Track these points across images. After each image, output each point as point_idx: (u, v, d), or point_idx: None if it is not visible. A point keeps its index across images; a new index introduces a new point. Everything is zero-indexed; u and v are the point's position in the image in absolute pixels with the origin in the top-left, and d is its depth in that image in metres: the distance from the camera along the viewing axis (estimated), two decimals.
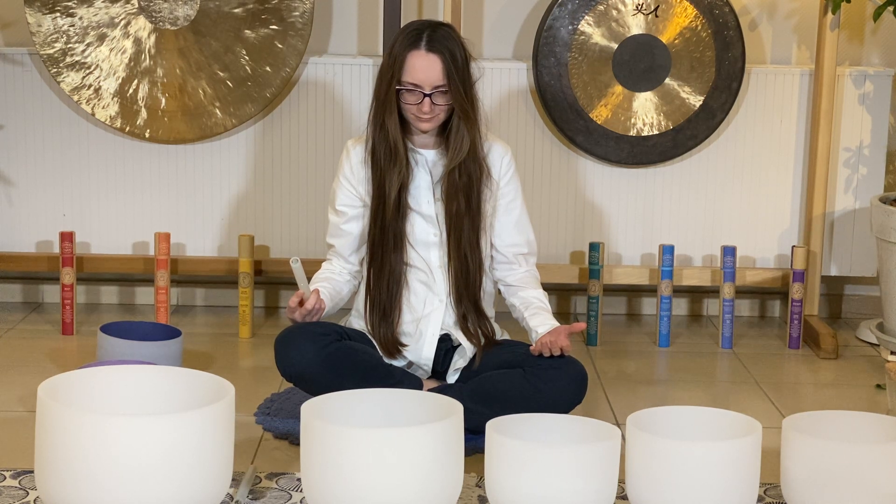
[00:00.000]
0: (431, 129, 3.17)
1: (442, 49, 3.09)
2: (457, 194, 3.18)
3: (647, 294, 4.43)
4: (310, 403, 2.58)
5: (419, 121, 3.14)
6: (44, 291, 4.39)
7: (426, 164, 3.23)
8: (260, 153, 4.19)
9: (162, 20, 4.02)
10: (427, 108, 3.10)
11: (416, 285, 3.25)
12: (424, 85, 3.09)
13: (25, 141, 4.18)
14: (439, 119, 3.15)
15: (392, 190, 3.17)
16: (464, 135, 3.16)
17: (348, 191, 3.26)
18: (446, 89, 3.10)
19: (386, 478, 2.41)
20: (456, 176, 3.18)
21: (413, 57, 3.09)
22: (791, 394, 3.64)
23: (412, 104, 3.12)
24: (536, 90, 4.12)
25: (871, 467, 2.51)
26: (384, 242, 3.21)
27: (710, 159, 4.25)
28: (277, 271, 4.17)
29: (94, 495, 2.34)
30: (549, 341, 3.10)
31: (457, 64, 3.10)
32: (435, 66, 3.09)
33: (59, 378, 2.56)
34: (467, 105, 3.14)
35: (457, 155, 3.17)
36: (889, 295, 3.94)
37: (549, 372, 3.09)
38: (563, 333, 3.12)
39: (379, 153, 3.18)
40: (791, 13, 4.27)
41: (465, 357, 3.24)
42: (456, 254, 3.21)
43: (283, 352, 3.12)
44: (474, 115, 3.16)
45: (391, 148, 3.16)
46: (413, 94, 3.10)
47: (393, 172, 3.17)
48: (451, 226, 3.20)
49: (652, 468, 2.52)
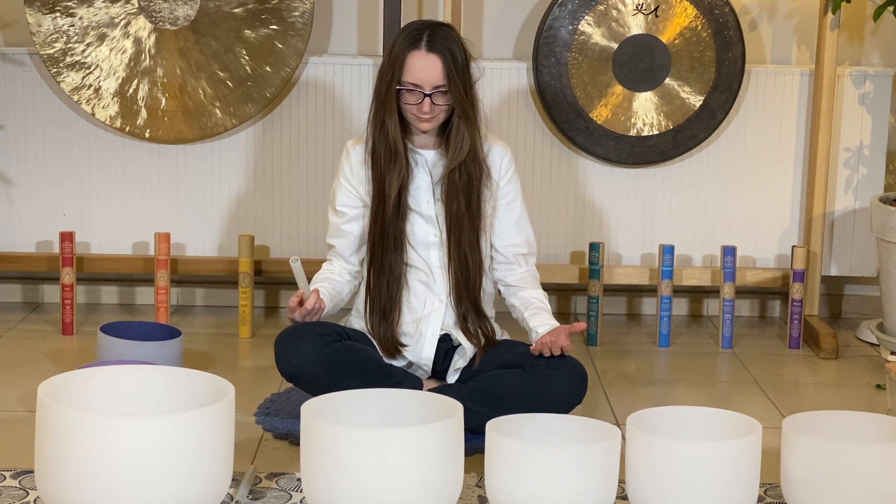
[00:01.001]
0: (431, 129, 3.17)
1: (442, 49, 3.09)
2: (457, 194, 3.18)
3: (647, 294, 4.43)
4: (310, 403, 2.58)
5: (419, 121, 3.14)
6: (44, 291, 4.39)
7: (426, 165, 3.22)
8: (260, 153, 4.19)
9: (162, 20, 4.02)
10: (427, 109, 3.10)
11: (416, 285, 3.25)
12: (425, 85, 3.09)
13: (25, 141, 4.18)
14: (439, 119, 3.15)
15: (392, 190, 3.17)
16: (464, 135, 3.16)
17: (348, 191, 3.26)
18: (446, 89, 3.10)
19: (386, 478, 2.41)
20: (456, 176, 3.18)
21: (413, 57, 3.09)
22: (791, 394, 3.63)
23: (412, 104, 3.11)
24: (536, 90, 4.12)
25: (871, 467, 2.51)
26: (384, 243, 3.21)
27: (710, 159, 4.25)
28: (277, 271, 4.17)
29: (94, 495, 2.34)
30: (550, 341, 3.09)
31: (457, 64, 3.10)
32: (435, 66, 3.09)
33: (59, 378, 2.56)
34: (467, 105, 3.14)
35: (457, 155, 3.17)
36: (889, 295, 3.94)
37: (549, 372, 3.09)
38: (563, 333, 3.11)
39: (379, 153, 3.18)
40: (791, 13, 4.27)
41: (465, 357, 3.24)
42: (456, 254, 3.21)
43: (282, 352, 3.12)
44: (474, 115, 3.16)
45: (391, 148, 3.16)
46: (413, 95, 3.10)
47: (393, 172, 3.17)
48: (451, 226, 3.20)
49: (652, 468, 2.52)
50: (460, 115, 3.14)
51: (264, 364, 3.72)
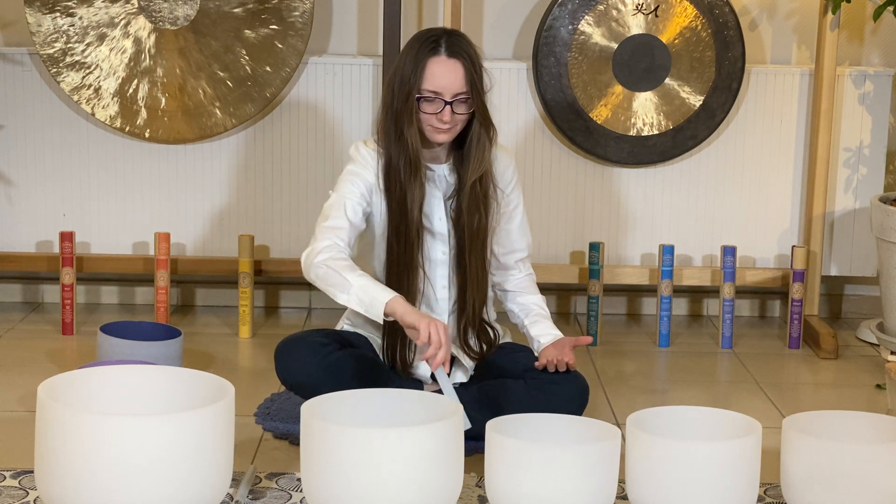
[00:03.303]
0: (447, 140, 3.05)
1: (462, 54, 3.00)
2: (478, 207, 3.07)
3: (647, 294, 4.43)
4: (310, 403, 2.58)
5: (436, 132, 3.02)
6: (44, 291, 4.39)
7: (436, 180, 3.11)
8: (260, 153, 4.19)
9: (162, 20, 4.03)
10: (447, 118, 2.98)
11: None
12: (445, 92, 2.98)
13: (25, 141, 4.18)
14: (456, 131, 3.04)
15: (414, 206, 3.04)
16: (485, 144, 3.05)
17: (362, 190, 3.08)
18: (467, 97, 3.00)
19: (386, 478, 2.41)
20: (477, 188, 3.06)
21: (434, 63, 2.99)
22: (791, 394, 3.64)
23: (431, 113, 3.00)
24: (536, 90, 4.12)
25: (871, 467, 2.51)
26: (403, 263, 3.07)
27: (710, 159, 4.25)
28: (277, 271, 4.17)
29: (94, 495, 2.34)
30: (556, 360, 3.08)
31: (476, 70, 3.01)
32: (457, 71, 2.99)
33: (59, 378, 2.56)
34: (487, 113, 3.04)
35: (479, 166, 3.05)
36: (889, 295, 3.94)
37: (551, 387, 3.06)
38: (567, 347, 3.10)
39: (398, 167, 3.03)
40: (791, 13, 4.27)
41: (465, 373, 3.21)
42: (465, 270, 3.11)
43: (283, 362, 3.08)
44: (493, 123, 3.06)
45: (412, 161, 3.02)
46: (433, 104, 2.99)
47: (414, 186, 3.03)
48: (466, 241, 3.09)
49: (652, 468, 2.52)
50: (481, 123, 3.04)
51: (264, 364, 3.72)
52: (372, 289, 2.92)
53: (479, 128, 3.05)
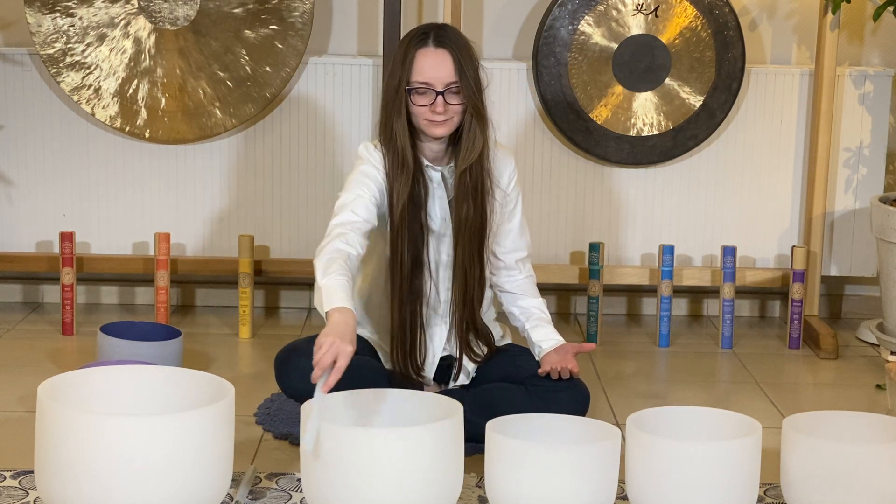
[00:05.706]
0: (445, 133, 3.03)
1: (450, 44, 2.99)
2: (466, 197, 3.06)
3: (647, 294, 4.43)
4: (310, 404, 2.57)
5: (432, 125, 3.01)
6: (44, 291, 4.39)
7: (440, 181, 3.10)
8: (260, 153, 4.19)
9: (162, 20, 4.03)
10: (441, 108, 2.97)
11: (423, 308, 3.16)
12: (436, 83, 2.97)
13: (25, 141, 4.18)
14: (454, 123, 3.02)
15: (398, 200, 3.02)
16: (476, 134, 3.03)
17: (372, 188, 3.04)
18: (458, 87, 2.98)
19: (386, 478, 2.41)
20: (467, 179, 3.05)
21: (422, 55, 2.98)
22: (791, 394, 3.63)
23: (424, 106, 2.99)
24: (536, 90, 4.12)
25: (871, 467, 2.51)
26: (406, 264, 3.05)
27: (710, 159, 4.25)
28: (277, 271, 4.17)
29: (94, 495, 2.34)
30: (560, 368, 3.07)
31: (466, 60, 2.99)
32: (446, 61, 2.98)
33: (59, 378, 2.56)
34: (480, 104, 3.02)
35: (469, 155, 3.04)
36: (889, 295, 3.94)
37: (552, 395, 3.05)
38: (570, 354, 3.09)
39: (392, 161, 3.03)
40: (791, 13, 4.27)
41: (468, 375, 3.21)
42: (461, 265, 3.10)
43: (283, 371, 3.07)
44: (486, 114, 3.05)
45: (399, 155, 3.02)
46: (425, 95, 2.98)
47: (400, 181, 3.02)
48: (458, 232, 3.08)
49: (652, 468, 2.52)
50: (473, 114, 3.02)
51: (264, 364, 3.72)
52: (328, 294, 2.78)
53: (470, 118, 3.03)
